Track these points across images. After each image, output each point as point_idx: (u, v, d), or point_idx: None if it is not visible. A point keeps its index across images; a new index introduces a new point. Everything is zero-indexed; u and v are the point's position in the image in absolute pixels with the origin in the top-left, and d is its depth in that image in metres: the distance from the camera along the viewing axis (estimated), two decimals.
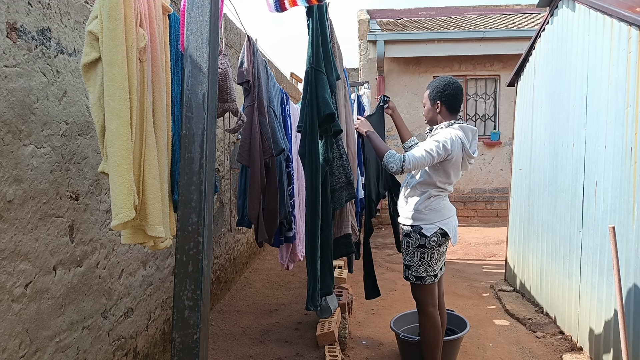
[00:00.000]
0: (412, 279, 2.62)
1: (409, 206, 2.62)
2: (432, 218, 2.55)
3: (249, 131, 2.48)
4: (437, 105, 2.60)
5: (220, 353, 3.13)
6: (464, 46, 8.18)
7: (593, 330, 2.99)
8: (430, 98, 2.64)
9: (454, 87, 2.57)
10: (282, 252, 3.42)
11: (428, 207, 2.56)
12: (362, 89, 5.84)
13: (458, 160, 2.52)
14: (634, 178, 2.54)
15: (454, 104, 2.58)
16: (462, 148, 2.50)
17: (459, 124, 2.56)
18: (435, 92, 2.61)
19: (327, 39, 2.54)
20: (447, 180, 2.56)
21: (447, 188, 2.59)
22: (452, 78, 2.62)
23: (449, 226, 2.57)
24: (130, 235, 1.58)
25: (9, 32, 1.63)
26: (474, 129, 2.57)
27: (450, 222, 2.59)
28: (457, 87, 2.58)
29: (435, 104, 2.61)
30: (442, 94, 2.57)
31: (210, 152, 1.33)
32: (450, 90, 2.56)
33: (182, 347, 1.27)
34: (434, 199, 2.56)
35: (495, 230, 7.71)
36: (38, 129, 1.78)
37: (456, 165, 2.54)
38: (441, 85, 2.59)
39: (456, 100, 2.58)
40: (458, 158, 2.51)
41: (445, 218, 2.57)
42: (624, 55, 2.68)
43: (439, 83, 2.61)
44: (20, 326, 1.70)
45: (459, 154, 2.50)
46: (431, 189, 2.56)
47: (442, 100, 2.58)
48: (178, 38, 1.88)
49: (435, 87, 2.61)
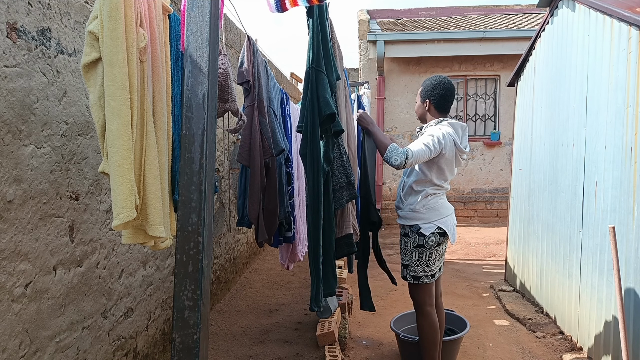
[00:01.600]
0: (409, 278, 2.63)
1: (407, 206, 2.63)
2: (431, 217, 2.56)
3: (249, 131, 2.48)
4: (427, 103, 2.66)
5: (220, 353, 3.13)
6: (464, 46, 8.18)
7: (593, 330, 2.99)
8: (421, 95, 2.70)
9: (444, 88, 2.60)
10: (282, 252, 3.42)
11: (426, 206, 2.57)
12: (362, 89, 5.83)
13: (450, 155, 2.55)
14: (634, 178, 2.54)
15: (443, 103, 2.62)
16: (454, 144, 2.54)
17: (448, 120, 2.60)
18: (426, 90, 2.66)
19: (328, 39, 2.54)
20: (442, 176, 2.58)
21: (443, 185, 2.61)
22: (445, 78, 2.64)
23: (447, 225, 2.58)
24: (131, 236, 1.58)
25: (9, 32, 1.63)
26: (463, 125, 2.62)
27: (449, 221, 2.60)
28: (447, 88, 2.61)
29: (424, 101, 2.67)
30: (432, 92, 2.62)
31: (210, 152, 1.33)
32: (439, 90, 2.60)
33: (182, 347, 1.27)
34: (432, 197, 2.57)
35: (495, 230, 7.71)
36: (38, 129, 1.78)
37: (449, 161, 2.57)
38: (432, 85, 2.63)
39: (445, 101, 2.62)
40: (450, 153, 2.54)
41: (443, 217, 2.58)
42: (624, 55, 2.68)
43: (430, 82, 2.66)
44: (20, 326, 1.70)
45: (451, 150, 2.53)
46: (428, 188, 2.57)
47: (431, 99, 2.63)
48: (178, 38, 1.88)
49: (427, 86, 2.66)
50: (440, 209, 2.59)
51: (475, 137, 8.63)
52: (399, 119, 8.63)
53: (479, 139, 8.58)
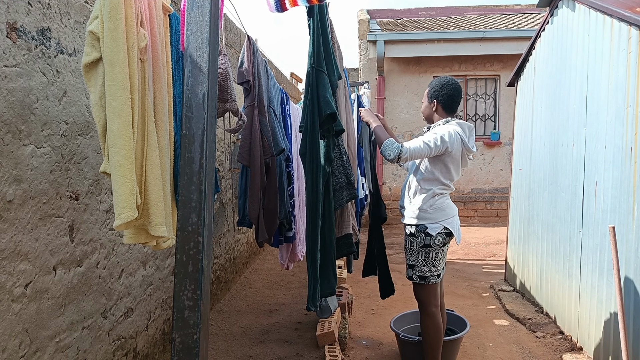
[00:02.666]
0: (415, 278, 2.63)
1: (413, 205, 2.64)
2: (437, 217, 2.57)
3: (249, 131, 2.48)
4: (434, 104, 2.68)
5: (220, 353, 3.13)
6: (464, 46, 8.18)
7: (593, 330, 2.99)
8: (429, 96, 2.72)
9: (452, 88, 2.64)
10: (282, 252, 3.42)
11: (433, 205, 2.58)
12: (362, 89, 5.83)
13: (458, 154, 2.57)
14: (634, 178, 2.54)
15: (450, 104, 2.65)
16: (462, 143, 2.56)
17: (456, 120, 2.63)
18: (434, 90, 2.69)
19: (328, 38, 2.54)
20: (448, 176, 2.59)
21: (449, 185, 2.62)
22: (452, 79, 2.68)
23: (453, 225, 2.60)
24: (133, 235, 1.58)
25: (9, 32, 1.63)
26: (470, 125, 2.65)
27: (454, 221, 2.62)
28: (455, 89, 2.64)
29: (432, 102, 2.70)
30: (440, 93, 2.65)
31: (210, 152, 1.33)
32: (447, 90, 2.64)
33: (182, 347, 1.27)
34: (439, 197, 2.59)
35: (495, 230, 7.71)
36: (38, 129, 1.78)
37: (456, 161, 2.58)
38: (439, 85, 2.67)
39: (452, 101, 2.65)
40: (457, 152, 2.56)
41: (449, 217, 2.60)
42: (624, 55, 2.68)
43: (437, 82, 2.69)
44: (20, 326, 1.70)
45: (458, 149, 2.55)
46: (435, 187, 2.58)
47: (438, 100, 2.66)
48: (179, 38, 1.88)
49: (434, 86, 2.69)
50: (447, 209, 2.60)
51: (476, 137, 8.63)
52: (399, 118, 8.63)
53: (479, 139, 8.58)
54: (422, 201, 2.59)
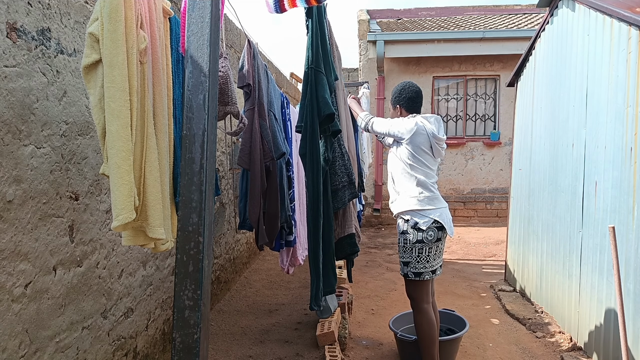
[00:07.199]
0: (410, 275, 2.66)
1: (401, 196, 2.70)
2: (426, 209, 2.62)
3: (249, 134, 2.48)
4: (398, 109, 2.84)
5: (220, 353, 3.14)
6: (464, 46, 8.18)
7: (593, 330, 2.99)
8: (392, 103, 2.89)
9: (410, 91, 2.79)
10: (283, 256, 3.42)
11: (422, 193, 2.63)
12: (362, 89, 5.84)
13: (425, 142, 2.65)
14: (634, 178, 2.54)
15: (412, 105, 2.80)
16: (427, 132, 2.64)
17: (422, 115, 2.77)
18: (394, 97, 2.86)
19: (326, 39, 2.55)
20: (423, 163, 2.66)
21: (427, 172, 2.67)
22: (410, 83, 2.84)
23: (443, 217, 2.64)
24: (131, 237, 1.58)
25: (9, 32, 1.63)
26: (437, 117, 2.78)
27: (444, 213, 2.67)
28: (413, 91, 2.79)
29: (395, 107, 2.86)
30: (400, 97, 2.82)
31: (210, 152, 1.33)
32: (406, 94, 2.79)
33: (183, 347, 1.27)
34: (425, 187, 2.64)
35: (495, 230, 7.71)
36: (38, 129, 1.78)
37: (426, 148, 2.66)
38: (398, 91, 2.83)
39: (414, 103, 2.79)
40: (425, 140, 2.65)
41: (438, 208, 2.64)
42: (624, 55, 2.68)
43: (396, 89, 2.85)
44: (20, 326, 1.71)
45: (424, 137, 2.64)
46: (418, 174, 2.65)
47: (400, 104, 2.82)
48: (179, 41, 1.88)
49: (394, 93, 2.86)
50: (434, 200, 2.66)
51: (475, 137, 8.63)
52: None
53: (479, 139, 8.58)
54: (411, 187, 2.65)
